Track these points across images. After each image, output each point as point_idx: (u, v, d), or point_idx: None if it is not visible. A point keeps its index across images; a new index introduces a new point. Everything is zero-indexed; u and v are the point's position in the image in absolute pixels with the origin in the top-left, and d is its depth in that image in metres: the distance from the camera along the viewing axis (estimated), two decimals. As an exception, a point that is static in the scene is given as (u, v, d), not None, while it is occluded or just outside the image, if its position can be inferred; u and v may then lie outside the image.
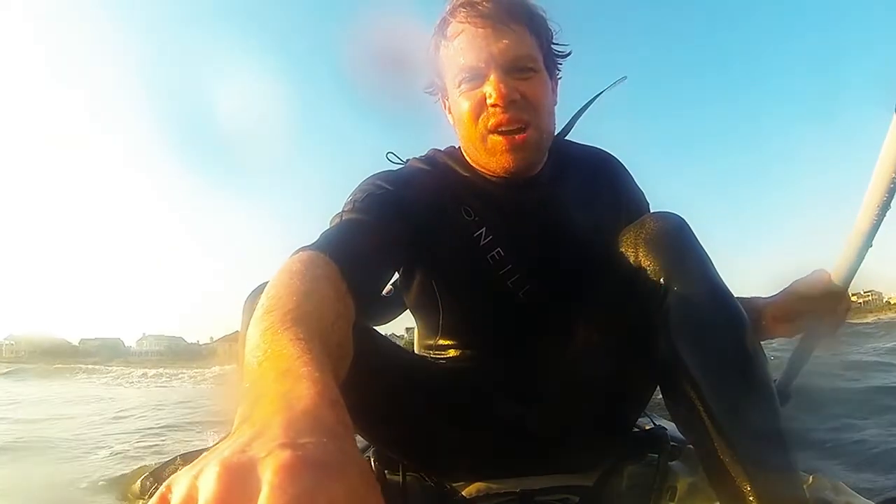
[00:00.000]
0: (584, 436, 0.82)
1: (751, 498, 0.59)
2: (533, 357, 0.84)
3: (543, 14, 0.78)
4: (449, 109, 0.82)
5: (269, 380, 0.36)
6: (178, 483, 0.27)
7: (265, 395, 0.34)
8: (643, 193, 0.93)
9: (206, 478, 0.26)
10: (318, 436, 0.29)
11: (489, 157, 0.76)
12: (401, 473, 0.88)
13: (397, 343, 1.11)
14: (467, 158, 0.84)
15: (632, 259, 0.69)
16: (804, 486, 0.87)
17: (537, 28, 0.76)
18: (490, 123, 0.74)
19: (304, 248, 0.62)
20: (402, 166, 0.86)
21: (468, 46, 0.73)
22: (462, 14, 0.74)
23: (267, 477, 0.25)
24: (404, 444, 0.85)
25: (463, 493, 0.83)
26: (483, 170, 0.81)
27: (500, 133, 0.74)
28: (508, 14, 0.73)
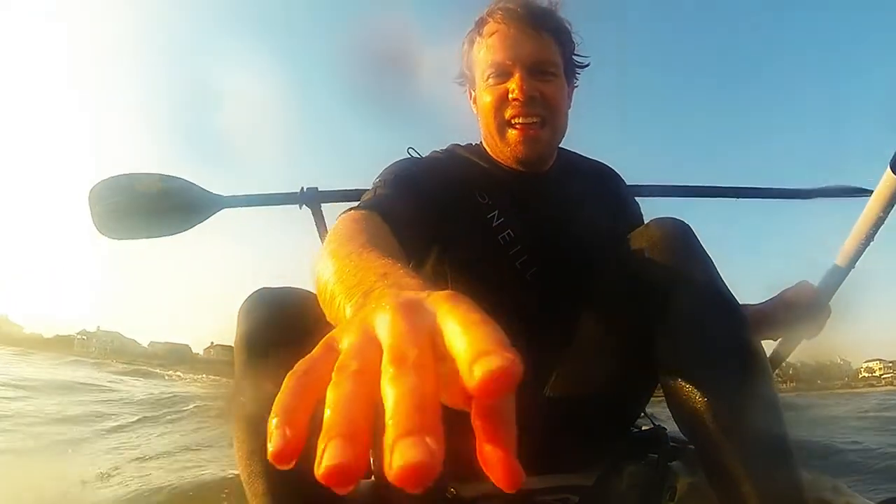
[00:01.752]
0: (583, 434, 0.82)
1: (750, 499, 0.59)
2: (537, 349, 0.84)
3: (569, 27, 0.86)
4: (474, 100, 0.89)
5: (372, 280, 0.36)
6: (346, 331, 0.27)
7: (374, 290, 0.35)
8: (640, 208, 1.00)
9: (380, 319, 0.26)
10: None
11: (505, 146, 0.84)
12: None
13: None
14: (486, 148, 0.90)
15: (636, 262, 0.70)
16: (805, 487, 0.87)
17: (562, 38, 0.85)
18: (509, 116, 0.81)
19: (353, 209, 0.67)
20: (421, 157, 0.91)
21: (500, 45, 0.81)
22: (499, 16, 0.82)
23: (440, 302, 0.26)
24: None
25: (462, 493, 0.82)
26: (499, 159, 0.88)
27: (518, 126, 0.81)
28: (539, 22, 0.81)
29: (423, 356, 0.24)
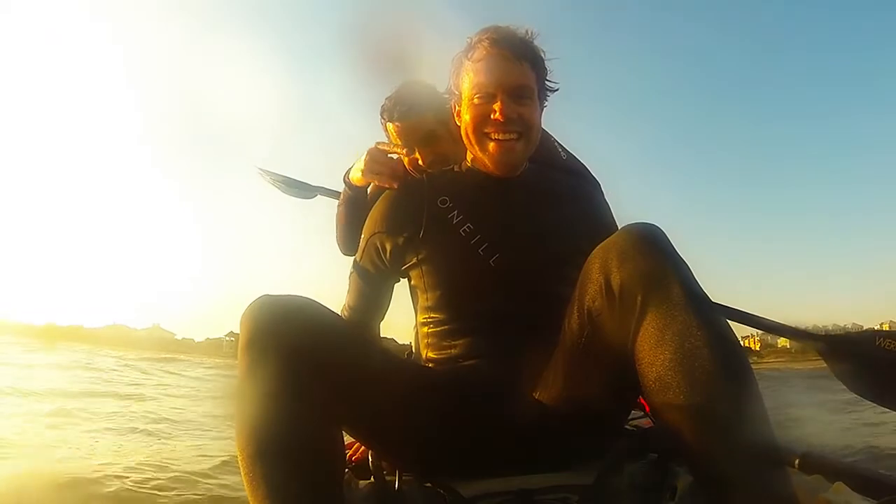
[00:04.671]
0: (578, 433, 0.83)
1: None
2: (520, 333, 0.90)
3: (544, 55, 0.99)
4: (458, 114, 1.01)
5: None
6: None
7: None
8: (611, 210, 1.10)
9: None
10: None
11: (484, 155, 0.97)
12: (397, 473, 0.88)
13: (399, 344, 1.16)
14: (466, 160, 1.04)
15: (611, 268, 0.71)
16: (801, 486, 0.87)
17: (538, 67, 0.98)
18: (490, 131, 0.95)
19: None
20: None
21: (486, 70, 0.94)
22: (486, 44, 0.95)
23: None
24: (402, 445, 0.85)
25: (461, 492, 0.82)
26: (474, 166, 1.02)
27: (497, 140, 0.94)
28: (519, 52, 0.95)
29: None
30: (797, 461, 1.02)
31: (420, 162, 1.17)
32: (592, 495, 0.80)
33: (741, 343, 0.68)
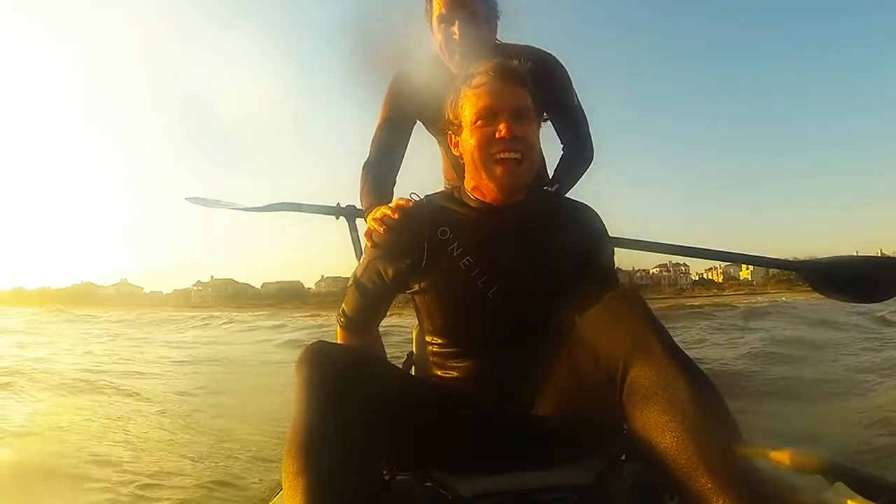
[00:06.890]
0: (577, 433, 0.85)
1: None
2: (517, 358, 0.95)
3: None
4: (456, 144, 1.05)
5: None
6: None
7: None
8: (611, 247, 1.15)
9: None
10: None
11: (490, 177, 0.99)
12: (392, 472, 0.88)
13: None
14: (463, 189, 1.07)
15: (598, 335, 0.83)
16: (801, 486, 0.88)
17: (534, 93, 1.02)
18: (495, 151, 0.97)
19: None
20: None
21: (488, 94, 0.98)
22: (486, 68, 1.00)
23: None
24: (404, 445, 0.87)
25: (461, 492, 0.83)
26: (474, 194, 1.05)
27: (503, 160, 0.97)
28: (517, 78, 1.01)
29: None
30: (797, 461, 1.03)
31: (455, 35, 1.30)
32: (592, 495, 0.81)
33: (720, 396, 0.77)
